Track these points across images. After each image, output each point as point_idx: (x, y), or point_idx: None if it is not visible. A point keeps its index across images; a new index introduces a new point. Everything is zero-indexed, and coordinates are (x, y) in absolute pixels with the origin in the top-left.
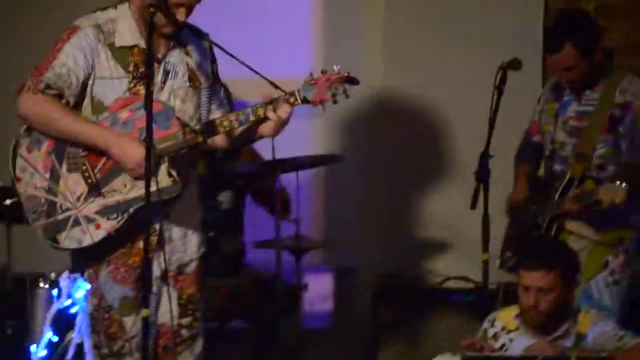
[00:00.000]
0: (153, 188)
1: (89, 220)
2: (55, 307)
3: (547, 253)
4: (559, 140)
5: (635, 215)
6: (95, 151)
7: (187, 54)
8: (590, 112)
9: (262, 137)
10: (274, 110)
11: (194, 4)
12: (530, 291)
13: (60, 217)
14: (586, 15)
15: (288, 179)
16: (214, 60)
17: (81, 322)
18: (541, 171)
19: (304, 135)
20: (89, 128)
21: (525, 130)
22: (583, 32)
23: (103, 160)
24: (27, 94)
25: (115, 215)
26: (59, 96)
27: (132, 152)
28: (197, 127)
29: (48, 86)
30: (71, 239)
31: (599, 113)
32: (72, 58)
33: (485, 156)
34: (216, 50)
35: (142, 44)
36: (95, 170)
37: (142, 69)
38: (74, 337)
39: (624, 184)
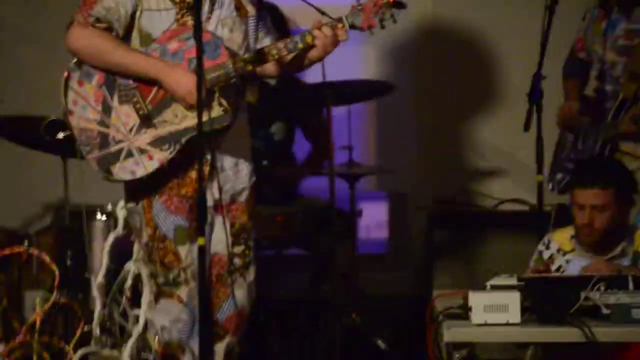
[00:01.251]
0: (205, 118)
1: (142, 151)
2: (112, 237)
3: (602, 171)
4: (609, 59)
5: None
6: (146, 82)
7: None
8: None
9: (312, 62)
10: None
11: None
12: (584, 209)
13: (113, 149)
14: None
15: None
16: None
17: (137, 251)
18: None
19: (353, 61)
20: (141, 59)
21: (571, 46)
22: None
23: (154, 91)
24: (76, 28)
25: (167, 145)
26: (109, 29)
27: (184, 81)
28: (247, 56)
29: (98, 20)
30: (124, 170)
31: None
32: None
33: (537, 77)
34: None
35: None
36: (147, 102)
37: (188, 0)
38: (131, 266)
39: None
